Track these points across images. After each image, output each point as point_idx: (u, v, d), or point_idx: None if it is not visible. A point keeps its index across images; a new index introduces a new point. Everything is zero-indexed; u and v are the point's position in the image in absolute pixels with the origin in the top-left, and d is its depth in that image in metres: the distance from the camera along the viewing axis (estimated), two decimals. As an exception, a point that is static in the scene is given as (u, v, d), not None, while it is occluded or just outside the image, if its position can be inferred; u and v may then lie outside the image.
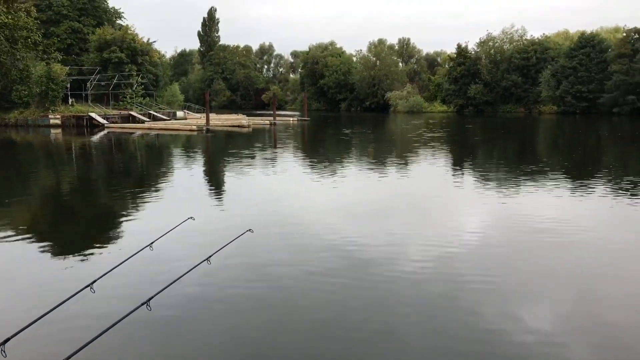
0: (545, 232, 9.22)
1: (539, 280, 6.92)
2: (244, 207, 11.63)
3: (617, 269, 7.37)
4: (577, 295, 6.44)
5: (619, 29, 71.76)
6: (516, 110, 73.71)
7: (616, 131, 39.11)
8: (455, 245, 8.43)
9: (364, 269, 7.32)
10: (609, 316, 5.78)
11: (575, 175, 16.48)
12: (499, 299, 6.27)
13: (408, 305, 6.05)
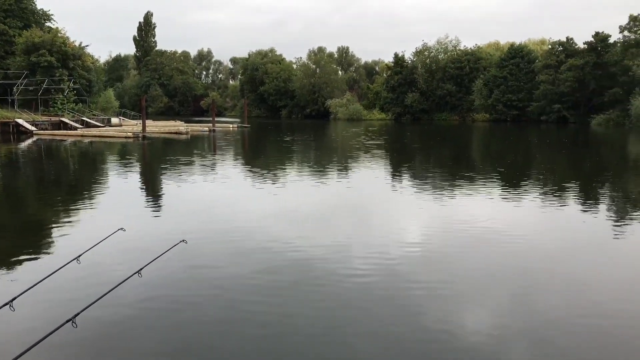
0: (482, 236, 9.45)
1: (479, 282, 7.04)
2: (179, 216, 11.26)
3: (552, 271, 7.61)
4: (516, 297, 6.58)
5: (545, 41, 75.70)
6: (451, 118, 76.03)
7: (544, 138, 41.03)
8: (396, 249, 8.47)
9: (307, 275, 7.21)
10: (547, 316, 5.92)
11: (509, 181, 17.07)
12: (442, 301, 6.31)
13: (352, 310, 6.00)
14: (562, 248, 8.92)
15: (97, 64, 65.82)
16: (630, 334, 5.52)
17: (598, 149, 32.23)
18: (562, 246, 9.05)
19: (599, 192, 15.20)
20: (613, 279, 7.28)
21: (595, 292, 6.78)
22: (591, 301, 6.43)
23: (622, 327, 5.68)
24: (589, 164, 23.67)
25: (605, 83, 59.12)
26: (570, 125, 57.47)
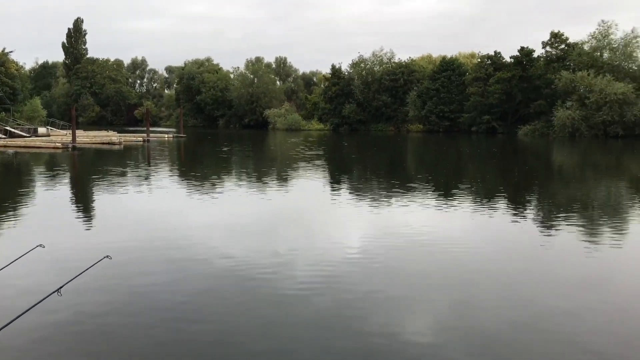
0: (420, 243, 9.66)
1: (419, 288, 7.20)
2: (106, 231, 10.79)
3: (488, 274, 7.87)
4: (454, 301, 6.75)
5: (475, 55, 78.84)
6: (387, 129, 77.60)
7: (475, 148, 42.61)
8: (338, 259, 8.50)
9: (248, 289, 7.09)
10: (484, 318, 6.14)
11: (443, 190, 17.54)
12: (384, 308, 6.40)
13: (296, 323, 5.95)
14: (495, 252, 9.25)
15: (22, 71, 62.65)
16: (563, 330, 5.75)
17: (525, 158, 33.78)
18: (495, 250, 9.38)
19: (527, 198, 15.88)
20: (545, 280, 7.59)
21: (530, 292, 7.05)
22: (526, 301, 6.69)
23: (556, 324, 5.93)
24: (517, 172, 24.74)
25: (531, 95, 62.24)
26: (499, 136, 60.02)
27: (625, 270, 8.29)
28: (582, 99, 53.51)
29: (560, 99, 56.16)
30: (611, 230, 11.20)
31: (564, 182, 21.01)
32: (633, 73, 55.08)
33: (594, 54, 57.56)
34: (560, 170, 26.59)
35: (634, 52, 56.58)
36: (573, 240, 10.15)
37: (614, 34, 57.40)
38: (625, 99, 51.05)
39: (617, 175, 22.97)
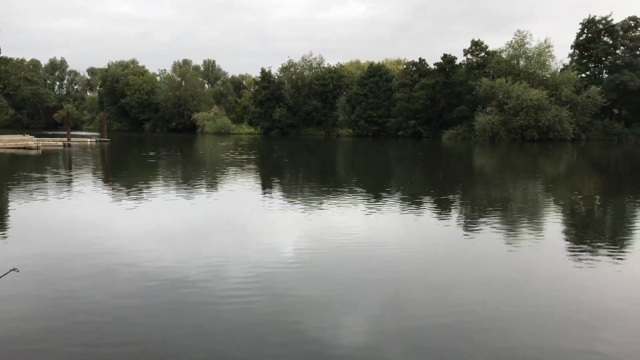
0: (353, 246, 9.85)
1: (353, 290, 7.32)
2: (14, 242, 10.17)
3: (417, 277, 8.14)
4: (386, 303, 6.93)
5: (401, 61, 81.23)
6: (317, 133, 78.35)
7: (402, 152, 43.85)
8: (271, 264, 8.50)
9: (180, 299, 6.95)
10: (417, 318, 6.34)
11: (373, 193, 17.93)
12: (319, 311, 6.48)
13: (232, 332, 5.89)
14: (424, 253, 9.59)
15: None
16: (486, 326, 6.05)
17: (449, 162, 35.16)
18: (423, 251, 9.73)
19: (452, 200, 16.55)
20: (469, 279, 7.95)
21: (456, 291, 7.36)
22: (453, 300, 6.97)
23: (481, 321, 6.23)
24: (442, 175, 25.71)
25: (453, 101, 64.90)
26: (424, 140, 62.10)
27: (542, 268, 8.85)
28: (500, 104, 56.42)
29: (481, 104, 58.95)
30: (530, 229, 11.91)
31: (485, 183, 22.08)
32: (546, 80, 58.71)
33: (511, 62, 60.88)
34: (482, 172, 27.90)
35: (547, 60, 60.39)
36: (495, 240, 10.71)
37: (529, 43, 61.11)
38: (539, 104, 54.32)
39: (533, 177, 24.41)
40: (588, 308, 6.78)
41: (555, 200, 17.08)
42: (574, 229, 12.28)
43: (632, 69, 58.48)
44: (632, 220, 13.45)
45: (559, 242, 10.75)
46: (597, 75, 62.54)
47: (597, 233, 11.87)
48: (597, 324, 6.30)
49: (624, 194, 18.79)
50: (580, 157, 37.28)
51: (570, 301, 7.04)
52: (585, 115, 57.52)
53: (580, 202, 16.40)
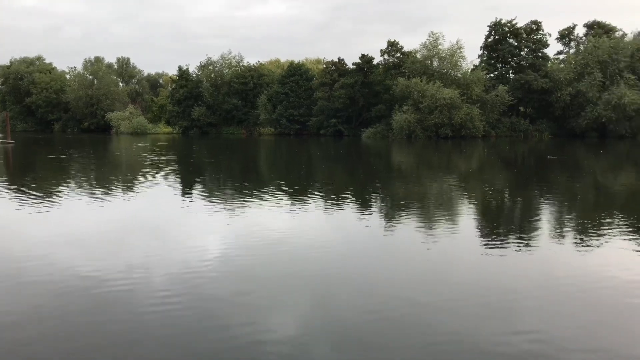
0: (278, 245, 9.90)
1: (281, 289, 7.39)
2: None
3: (344, 272, 8.31)
4: (314, 300, 7.06)
5: (320, 61, 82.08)
6: (238, 132, 77.53)
7: (324, 150, 44.37)
8: (197, 267, 8.38)
9: (101, 307, 6.71)
10: (345, 313, 6.50)
11: (297, 191, 18.05)
12: (247, 312, 6.48)
13: (159, 337, 5.79)
14: (348, 249, 9.80)
15: None
16: (412, 318, 6.31)
17: (369, 159, 36.01)
18: (348, 247, 9.95)
19: (373, 197, 17.00)
20: (393, 272, 8.24)
21: (381, 285, 7.60)
22: (379, 295, 7.19)
23: (405, 313, 6.49)
24: (363, 172, 26.31)
25: (372, 100, 66.47)
26: (345, 138, 63.15)
27: (460, 259, 9.33)
28: (416, 103, 58.46)
29: (398, 103, 60.77)
30: (446, 223, 12.49)
31: (404, 180, 22.85)
32: (458, 80, 61.46)
33: (426, 62, 63.18)
34: (400, 169, 28.83)
35: (459, 61, 63.19)
36: (415, 235, 11.14)
37: (442, 44, 63.64)
38: (452, 103, 56.81)
39: (448, 173, 25.55)
40: (504, 295, 7.24)
41: (469, 195, 18.00)
42: (486, 222, 13.01)
43: (535, 69, 62.51)
44: (538, 211, 14.44)
45: (474, 235, 11.36)
46: (504, 75, 66.26)
47: (507, 224, 12.64)
48: (513, 309, 6.74)
49: (531, 186, 20.11)
50: (490, 153, 39.43)
51: (488, 289, 7.49)
52: (494, 113, 60.82)
53: (492, 196, 17.39)
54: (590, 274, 8.22)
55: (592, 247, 9.91)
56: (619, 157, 34.81)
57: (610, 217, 13.00)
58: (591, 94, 57.61)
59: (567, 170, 26.23)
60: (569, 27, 68.33)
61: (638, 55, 58.53)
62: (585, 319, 6.44)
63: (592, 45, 60.02)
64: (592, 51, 59.45)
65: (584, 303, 6.97)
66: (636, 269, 8.42)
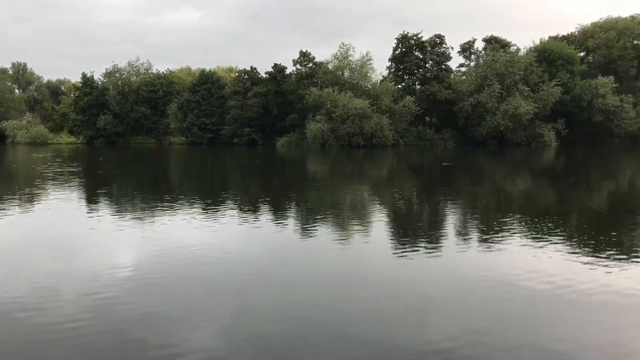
0: (194, 257, 9.72)
1: (198, 301, 7.24)
2: None
3: (263, 282, 8.31)
4: (234, 310, 7.01)
5: (232, 69, 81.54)
6: (147, 141, 75.05)
7: (238, 159, 43.98)
8: (109, 282, 8.06)
9: (3, 330, 6.23)
10: (263, 324, 6.49)
11: (210, 202, 17.76)
12: (163, 327, 6.33)
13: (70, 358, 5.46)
14: (266, 260, 9.80)
15: None
16: (331, 320, 6.43)
17: (284, 168, 36.16)
18: (265, 258, 9.95)
19: (289, 205, 17.11)
20: (313, 282, 8.34)
21: (301, 294, 7.67)
22: (298, 303, 7.26)
23: (325, 316, 6.60)
24: (278, 182, 26.38)
25: (286, 109, 66.89)
26: (260, 147, 63.01)
27: (374, 264, 9.62)
28: (329, 113, 59.56)
29: (311, 112, 61.60)
30: (360, 229, 12.84)
31: (319, 188, 23.17)
32: (368, 91, 63.36)
33: (337, 73, 64.58)
34: (315, 178, 29.21)
35: (368, 72, 65.19)
36: (330, 241, 11.34)
37: (352, 55, 65.35)
38: (363, 113, 58.45)
39: (361, 180, 26.23)
40: (419, 296, 7.57)
41: (380, 201, 18.59)
42: (397, 227, 13.51)
43: (439, 81, 65.80)
44: (444, 215, 15.19)
45: (387, 240, 11.76)
46: (411, 86, 69.18)
47: (416, 229, 13.20)
48: (428, 309, 7.06)
49: (437, 192, 21.11)
50: (399, 161, 40.93)
51: (403, 292, 7.80)
52: (403, 123, 63.27)
53: (401, 201, 18.08)
54: (496, 272, 8.78)
55: (495, 247, 10.59)
56: (516, 163, 37.38)
57: (509, 219, 13.95)
58: (490, 105, 61.48)
59: (470, 176, 27.83)
60: (469, 42, 72.72)
61: (531, 69, 63.27)
62: (494, 314, 6.88)
63: (490, 58, 64.13)
64: (491, 64, 63.54)
65: (493, 299, 7.44)
66: (537, 265, 9.10)
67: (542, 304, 7.29)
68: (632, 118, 64.03)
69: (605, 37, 67.16)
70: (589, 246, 10.75)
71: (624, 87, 65.37)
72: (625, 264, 9.33)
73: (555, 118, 63.16)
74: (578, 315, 6.88)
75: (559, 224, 13.54)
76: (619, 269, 8.99)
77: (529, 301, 7.39)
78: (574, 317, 6.79)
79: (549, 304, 7.27)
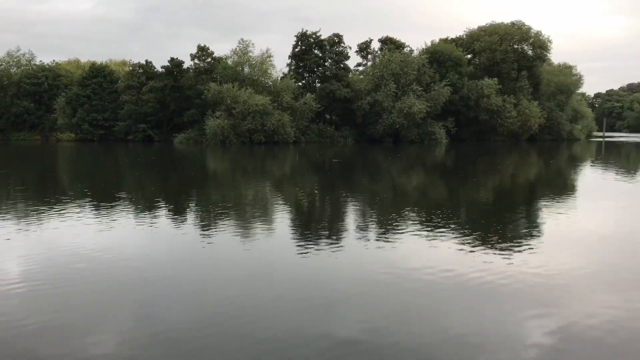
0: (89, 262, 9.25)
1: (100, 308, 6.89)
2: None
3: (166, 283, 8.03)
4: (138, 313, 6.74)
5: (126, 63, 77.75)
6: (32, 137, 69.64)
7: (133, 157, 42.08)
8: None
9: None
10: (170, 325, 6.29)
11: (106, 202, 16.84)
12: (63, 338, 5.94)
13: None
14: (168, 259, 9.47)
15: None
16: (244, 323, 6.33)
17: (183, 166, 35.14)
18: (168, 258, 9.61)
19: (189, 204, 16.66)
20: (218, 279, 8.18)
21: (209, 294, 7.50)
22: (208, 302, 7.08)
23: (238, 318, 6.50)
24: (178, 179, 25.58)
25: (184, 105, 64.94)
26: (156, 144, 60.70)
27: (278, 259, 9.63)
28: (229, 109, 58.69)
29: (211, 108, 60.34)
30: (263, 225, 12.80)
31: (220, 186, 22.78)
32: (269, 88, 63.24)
33: (237, 69, 63.78)
34: (215, 175, 28.68)
35: (269, 69, 65.04)
36: (234, 238, 11.20)
37: (252, 51, 64.84)
38: (264, 109, 58.23)
39: (263, 177, 26.14)
40: (326, 291, 7.67)
41: (282, 198, 18.65)
42: (299, 223, 13.62)
43: (338, 79, 67.12)
44: (345, 211, 15.55)
45: (289, 236, 11.82)
46: (311, 84, 69.93)
47: (318, 225, 13.39)
48: (335, 303, 7.17)
49: (338, 188, 21.56)
50: (301, 158, 41.31)
51: (310, 287, 7.87)
52: (304, 120, 63.84)
53: (304, 197, 18.26)
54: (396, 264, 9.12)
55: (395, 241, 11.00)
56: (410, 160, 39.14)
57: (406, 213, 14.57)
58: (386, 103, 63.78)
59: (368, 173, 28.72)
60: (366, 42, 74.82)
61: (423, 70, 66.43)
62: (397, 305, 7.13)
63: (386, 59, 66.49)
64: (387, 64, 65.89)
65: (396, 291, 7.72)
66: (434, 256, 9.57)
67: (440, 293, 7.68)
68: (514, 117, 69.34)
69: (490, 41, 72.04)
70: (479, 237, 11.50)
71: (505, 88, 70.55)
72: (511, 251, 10.10)
73: (445, 117, 66.86)
74: (473, 301, 7.32)
75: (452, 216, 14.37)
76: (505, 256, 9.71)
77: (428, 291, 7.76)
78: (470, 304, 7.22)
79: (446, 292, 7.68)
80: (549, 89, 78.15)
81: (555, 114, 76.08)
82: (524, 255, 9.83)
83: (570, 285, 8.07)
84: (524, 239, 11.40)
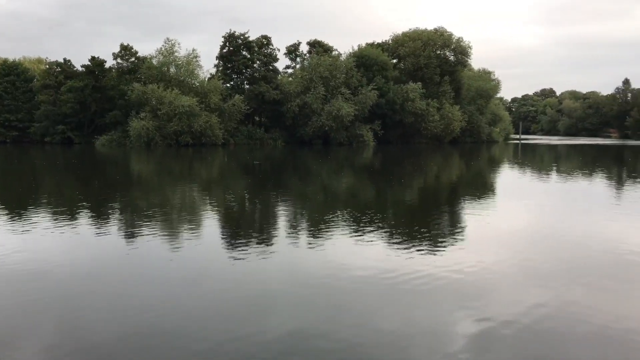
0: (13, 270, 8.69)
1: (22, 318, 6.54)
2: None
3: (91, 292, 7.67)
4: (63, 323, 6.39)
5: (42, 61, 73.70)
6: None
7: (51, 160, 39.93)
8: None
9: None
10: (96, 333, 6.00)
11: (21, 208, 15.88)
12: None
13: None
14: (94, 268, 9.05)
15: None
16: (172, 330, 6.13)
17: (105, 169, 33.73)
18: (93, 267, 9.18)
19: (111, 209, 15.99)
20: (148, 287, 7.89)
21: (137, 301, 7.23)
22: (135, 310, 6.84)
23: (167, 324, 6.28)
24: (99, 183, 24.52)
25: (106, 105, 62.36)
26: (76, 146, 57.92)
27: (208, 262, 9.44)
28: (154, 110, 56.98)
29: (135, 109, 58.33)
30: (191, 230, 12.50)
31: (144, 189, 22.05)
32: (196, 88, 61.99)
33: (162, 69, 62.05)
34: (140, 178, 27.74)
35: (195, 69, 63.76)
36: (160, 243, 10.88)
37: (178, 51, 63.31)
38: (191, 111, 57.01)
39: (190, 180, 25.56)
40: (257, 297, 7.58)
41: (211, 201, 18.31)
42: (228, 226, 13.43)
43: (267, 81, 66.91)
44: (277, 213, 15.50)
45: (218, 239, 11.63)
46: (240, 85, 69.25)
47: (248, 227, 13.26)
48: (267, 305, 7.10)
49: (268, 190, 21.46)
50: (230, 160, 40.78)
51: (240, 291, 7.76)
52: (232, 122, 63.08)
53: (233, 201, 18.02)
54: (329, 264, 9.19)
55: (326, 241, 11.08)
56: (340, 162, 39.63)
57: (337, 213, 14.73)
58: (316, 106, 64.26)
59: (299, 175, 28.80)
60: (294, 44, 74.98)
61: (351, 73, 67.50)
62: (332, 303, 7.18)
63: (315, 62, 66.99)
64: (315, 67, 66.39)
65: (330, 290, 7.77)
66: (364, 255, 9.71)
67: (369, 292, 7.81)
68: (437, 121, 71.86)
69: (414, 46, 74.29)
70: (407, 236, 11.82)
71: (429, 92, 73.00)
72: (436, 250, 10.44)
73: (372, 119, 68.26)
74: (403, 298, 7.49)
75: (381, 216, 14.67)
76: (431, 255, 10.03)
77: (358, 291, 7.86)
78: (400, 300, 7.39)
79: (375, 291, 7.82)
80: (469, 94, 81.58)
81: (475, 117, 79.53)
82: (449, 253, 10.20)
83: (492, 280, 8.45)
84: (449, 237, 11.83)
